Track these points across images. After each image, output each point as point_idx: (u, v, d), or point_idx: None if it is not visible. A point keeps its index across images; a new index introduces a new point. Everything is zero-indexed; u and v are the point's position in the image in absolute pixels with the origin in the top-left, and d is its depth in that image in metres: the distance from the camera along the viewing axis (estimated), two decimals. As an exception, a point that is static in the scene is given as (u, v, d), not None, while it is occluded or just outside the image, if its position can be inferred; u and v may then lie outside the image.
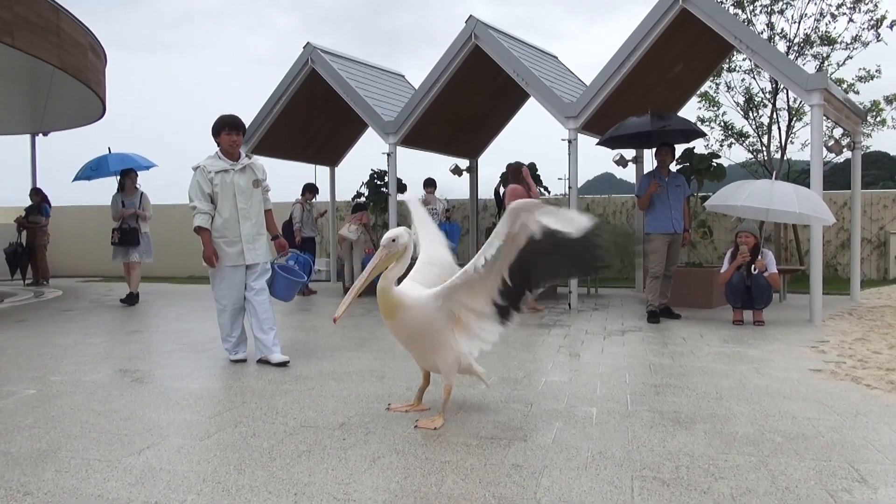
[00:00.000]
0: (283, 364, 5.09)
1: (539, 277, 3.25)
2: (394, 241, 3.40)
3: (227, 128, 5.19)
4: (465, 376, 3.86)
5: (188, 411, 3.85)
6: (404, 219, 10.44)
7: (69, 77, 9.49)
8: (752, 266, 7.14)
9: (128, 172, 9.55)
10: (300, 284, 5.87)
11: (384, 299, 3.39)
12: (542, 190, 11.32)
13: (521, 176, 8.33)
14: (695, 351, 5.67)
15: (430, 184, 10.34)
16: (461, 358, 3.55)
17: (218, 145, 5.27)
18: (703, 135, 8.51)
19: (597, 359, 5.35)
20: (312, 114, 11.75)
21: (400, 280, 3.50)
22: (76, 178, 10.11)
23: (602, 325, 7.27)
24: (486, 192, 15.85)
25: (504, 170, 10.92)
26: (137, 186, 9.60)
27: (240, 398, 4.15)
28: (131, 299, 9.45)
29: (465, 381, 4.41)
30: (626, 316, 7.98)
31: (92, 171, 9.91)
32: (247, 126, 7.42)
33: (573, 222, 3.09)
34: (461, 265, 3.46)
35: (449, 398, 3.62)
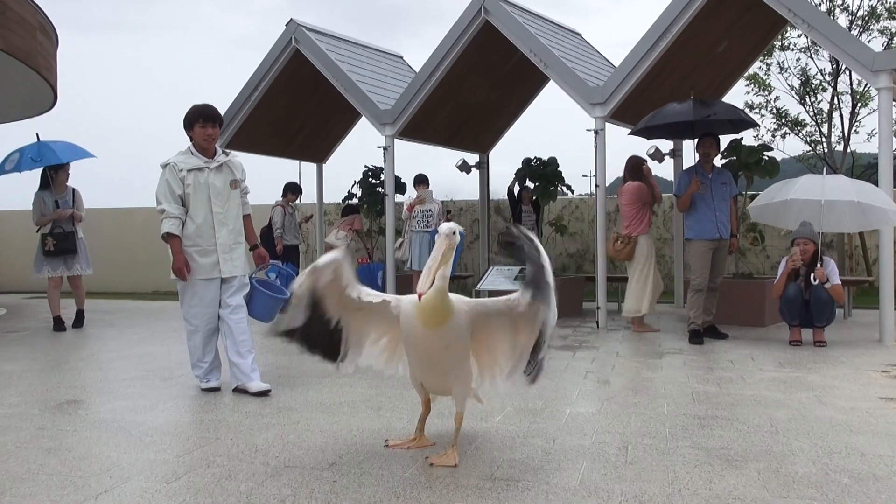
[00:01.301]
0: (264, 393, 5.09)
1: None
2: (455, 233, 3.44)
3: (201, 119, 5.22)
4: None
5: (152, 449, 3.84)
6: (404, 223, 10.47)
7: (15, 61, 9.56)
8: (812, 277, 7.11)
9: (62, 165, 9.15)
10: (283, 302, 5.88)
11: (439, 303, 3.35)
12: (564, 189, 11.33)
13: (643, 173, 8.26)
14: (745, 377, 5.65)
15: (420, 180, 10.36)
16: (471, 384, 3.62)
17: (190, 139, 5.30)
18: (753, 125, 8.50)
19: (630, 386, 5.34)
20: (297, 102, 11.81)
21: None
22: (17, 169, 9.61)
23: (636, 346, 7.26)
24: (497, 191, 15.85)
25: (520, 166, 10.93)
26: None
27: (213, 433, 4.14)
28: (80, 320, 9.32)
29: (476, 413, 4.40)
30: (663, 336, 7.96)
31: (34, 160, 9.43)
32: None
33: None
34: (465, 278, 3.50)
35: (460, 428, 3.62)
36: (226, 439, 4.01)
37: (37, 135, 9.49)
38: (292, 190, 11.46)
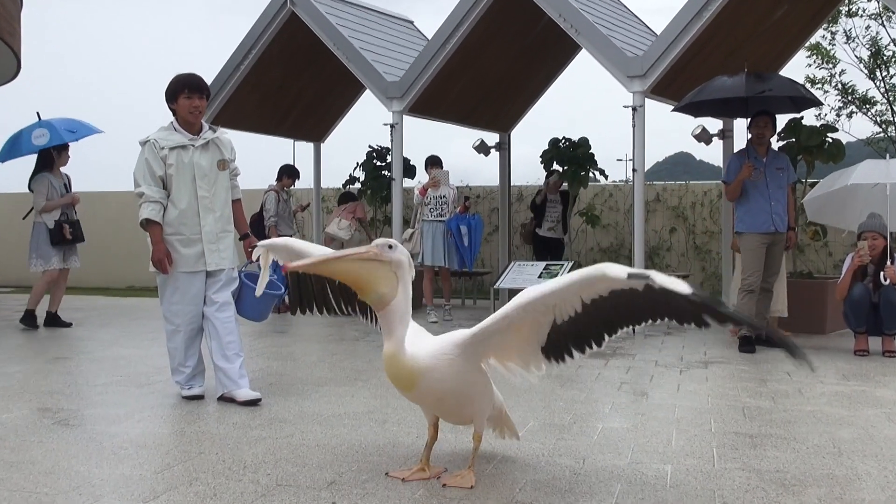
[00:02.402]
0: (253, 403, 5.11)
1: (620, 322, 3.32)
2: (391, 247, 3.32)
3: (186, 89, 5.23)
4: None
5: (128, 464, 3.86)
6: (411, 211, 10.48)
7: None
8: (882, 276, 7.06)
9: (65, 144, 9.28)
10: (276, 299, 5.89)
11: (396, 370, 3.36)
12: (596, 174, 11.30)
13: None
14: (804, 390, 5.62)
15: (434, 162, 10.25)
16: (493, 397, 3.63)
17: (173, 113, 5.31)
18: (816, 102, 8.45)
19: (671, 399, 5.33)
20: (291, 73, 11.84)
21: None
22: (17, 154, 9.60)
23: (677, 354, 7.24)
24: (520, 176, 15.87)
25: (547, 148, 10.90)
26: None
27: (195, 447, 4.16)
28: (57, 319, 9.42)
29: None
30: (709, 342, 7.93)
31: (71, 132, 9.36)
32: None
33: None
34: (482, 275, 3.49)
35: (479, 447, 3.63)
36: (210, 454, 4.02)
37: (37, 113, 9.58)
38: (288, 173, 11.46)
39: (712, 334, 8.56)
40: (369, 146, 12.62)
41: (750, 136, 7.76)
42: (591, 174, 11.10)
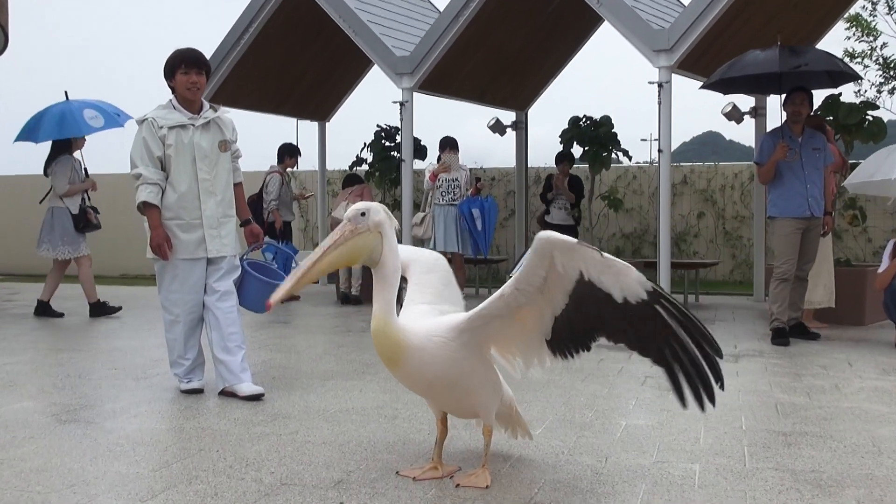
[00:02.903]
0: (256, 397, 5.14)
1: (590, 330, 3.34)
2: (363, 214, 3.32)
3: (183, 65, 5.24)
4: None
5: (124, 461, 3.89)
6: (425, 196, 10.47)
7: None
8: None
9: None
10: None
11: (381, 337, 3.34)
12: (619, 155, 11.27)
13: (827, 136, 7.92)
14: (841, 385, 5.60)
15: (449, 145, 10.21)
16: (501, 390, 3.60)
17: (172, 91, 5.32)
18: (855, 77, 8.38)
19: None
20: (295, 48, 11.83)
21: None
22: (36, 138, 9.60)
23: (705, 347, 7.22)
24: (538, 157, 15.84)
25: (566, 128, 10.87)
26: None
27: (195, 444, 4.18)
28: (48, 308, 9.54)
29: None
30: (740, 334, 7.91)
31: (118, 115, 9.38)
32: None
33: (619, 280, 3.09)
34: (497, 262, 3.48)
35: (490, 442, 3.63)
36: (211, 451, 4.05)
37: (65, 93, 9.66)
38: (289, 153, 11.45)
39: (742, 325, 8.54)
40: (377, 126, 12.61)
41: (785, 114, 7.71)
42: (613, 155, 11.06)
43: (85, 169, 9.48)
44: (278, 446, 4.12)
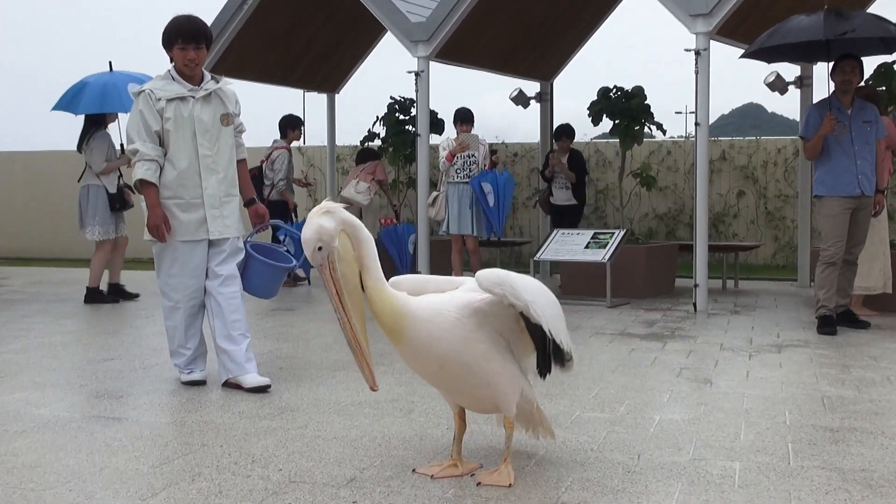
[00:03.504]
0: (262, 389, 5.17)
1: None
2: (320, 248, 3.31)
3: (181, 39, 5.23)
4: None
5: (122, 457, 3.92)
6: (441, 176, 10.45)
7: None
8: None
9: None
10: (286, 272, 5.94)
11: (378, 304, 3.36)
12: (652, 129, 11.20)
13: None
14: (893, 378, 5.58)
15: (464, 118, 10.09)
16: (521, 382, 3.59)
17: (171, 61, 5.33)
18: (910, 42, 8.26)
19: (739, 387, 5.30)
20: (302, 14, 11.80)
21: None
22: (76, 109, 9.46)
23: (746, 335, 7.21)
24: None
25: (595, 99, 10.80)
26: None
27: (198, 439, 4.21)
28: (122, 291, 9.70)
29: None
30: (783, 322, 7.89)
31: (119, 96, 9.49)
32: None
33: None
34: (520, 245, 3.51)
35: (512, 435, 3.64)
36: (214, 446, 4.08)
37: (109, 63, 9.73)
38: (292, 124, 11.40)
39: (786, 312, 8.51)
40: (391, 97, 12.58)
41: (832, 84, 7.64)
42: (646, 129, 10.98)
43: (122, 145, 9.43)
44: (286, 441, 4.14)
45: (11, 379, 5.61)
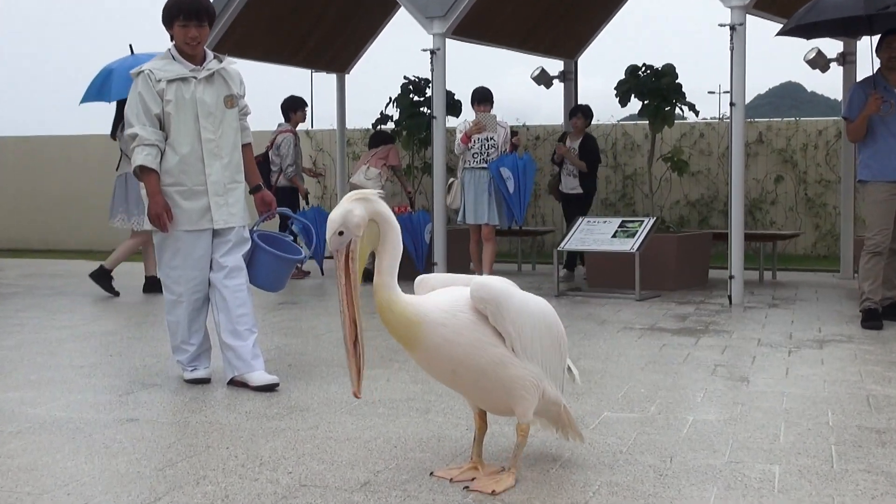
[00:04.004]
0: (270, 388, 5.18)
1: None
2: (341, 233, 3.31)
3: (182, 16, 5.24)
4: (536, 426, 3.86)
5: (122, 459, 3.94)
6: (455, 158, 10.43)
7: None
8: None
9: None
10: (295, 264, 5.95)
11: (387, 313, 3.36)
12: (684, 110, 11.17)
13: None
14: (943, 375, 5.55)
15: (482, 98, 9.97)
16: (542, 385, 3.56)
17: (172, 40, 5.34)
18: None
19: (778, 386, 5.29)
20: (310, -12, 11.80)
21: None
22: (108, 97, 9.60)
23: (785, 330, 7.19)
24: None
25: (623, 78, 10.76)
26: None
27: (202, 440, 4.23)
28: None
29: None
30: (824, 316, 7.86)
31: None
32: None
33: None
34: (542, 234, 3.50)
35: (524, 444, 3.64)
36: (220, 448, 4.09)
37: (130, 46, 9.79)
38: (294, 106, 11.38)
39: (827, 306, 8.48)
40: (405, 77, 12.55)
41: (878, 61, 7.59)
42: (677, 110, 10.94)
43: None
44: (296, 443, 4.15)
45: (5, 377, 5.65)
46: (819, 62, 10.39)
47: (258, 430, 4.39)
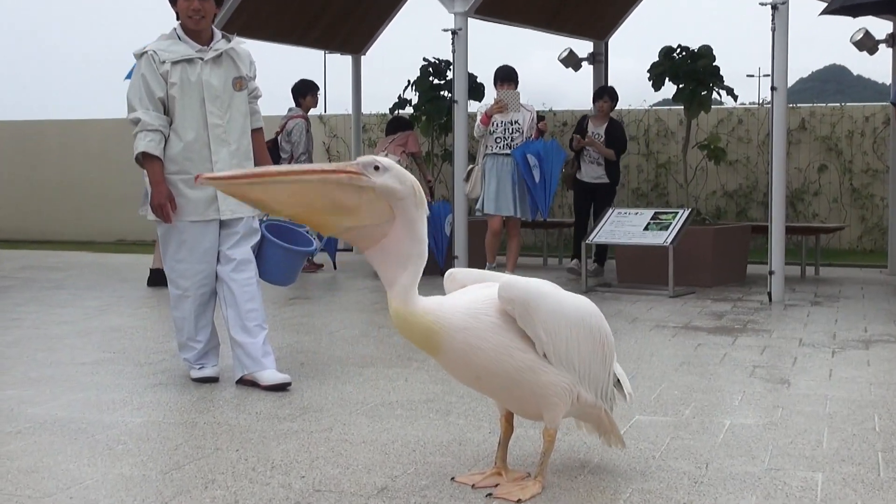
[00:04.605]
0: (281, 387, 5.21)
1: None
2: (377, 168, 3.23)
3: (186, -14, 5.25)
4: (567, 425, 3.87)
5: (127, 462, 3.97)
6: (478, 145, 10.43)
7: None
8: None
9: None
10: (306, 256, 5.96)
11: (408, 325, 3.34)
12: (721, 95, 11.14)
13: None
14: None
15: (505, 77, 9.73)
16: (575, 390, 3.54)
17: (177, 17, 5.36)
18: None
19: (821, 388, 5.28)
20: (324, -36, 11.82)
21: None
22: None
23: (829, 330, 7.18)
24: (620, 97, 15.64)
25: (657, 60, 10.73)
26: None
27: (210, 442, 4.26)
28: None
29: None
30: (871, 315, 7.84)
31: None
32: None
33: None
34: (569, 226, 3.49)
35: (552, 450, 3.64)
36: (229, 451, 4.12)
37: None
38: (303, 91, 11.35)
39: (874, 303, 8.44)
40: (424, 59, 12.59)
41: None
42: (714, 94, 10.91)
43: None
44: (309, 446, 4.17)
45: (4, 374, 5.69)
46: (866, 43, 10.33)
47: (269, 431, 4.41)
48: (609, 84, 12.46)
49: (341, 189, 3.23)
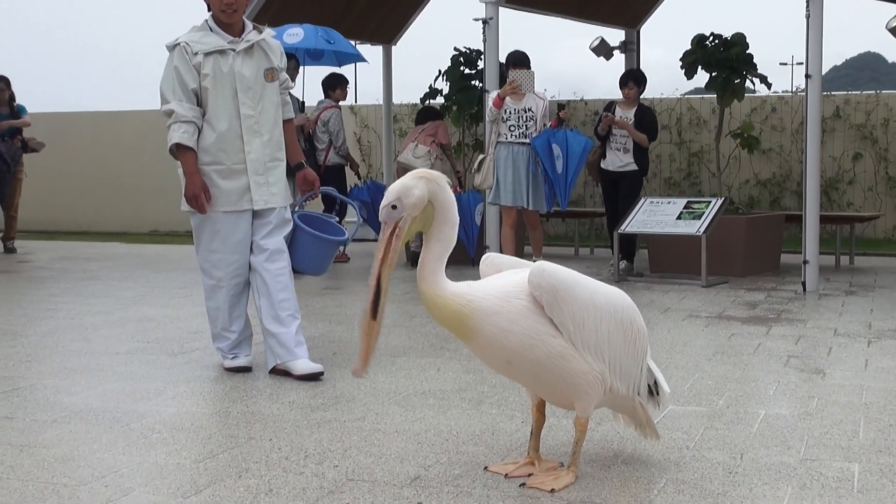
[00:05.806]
0: (314, 377, 5.23)
1: None
2: (394, 207, 3.32)
3: (218, -20, 5.27)
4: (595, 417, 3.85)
5: (161, 450, 4.00)
6: (490, 129, 10.36)
7: None
8: None
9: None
10: (338, 246, 5.97)
11: (437, 308, 3.37)
12: (755, 83, 11.05)
13: None
14: None
15: (517, 62, 9.15)
16: (607, 379, 3.53)
17: (208, 8, 5.37)
18: None
19: (857, 379, 5.24)
20: (354, -46, 11.83)
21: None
22: None
23: (864, 319, 7.13)
24: (653, 86, 15.58)
25: (689, 48, 10.65)
26: None
27: (244, 431, 4.28)
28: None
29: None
30: (907, 305, 7.77)
31: (328, 42, 9.75)
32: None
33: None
34: (599, 216, 3.47)
35: (584, 440, 3.63)
36: (262, 440, 4.14)
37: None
38: (332, 84, 11.36)
39: (911, 294, 8.38)
40: (455, 49, 12.57)
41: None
42: (748, 83, 10.83)
43: None
44: (342, 435, 4.19)
45: (40, 364, 5.75)
46: (904, 30, 10.22)
47: (302, 421, 4.43)
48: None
49: (403, 235, 3.36)
